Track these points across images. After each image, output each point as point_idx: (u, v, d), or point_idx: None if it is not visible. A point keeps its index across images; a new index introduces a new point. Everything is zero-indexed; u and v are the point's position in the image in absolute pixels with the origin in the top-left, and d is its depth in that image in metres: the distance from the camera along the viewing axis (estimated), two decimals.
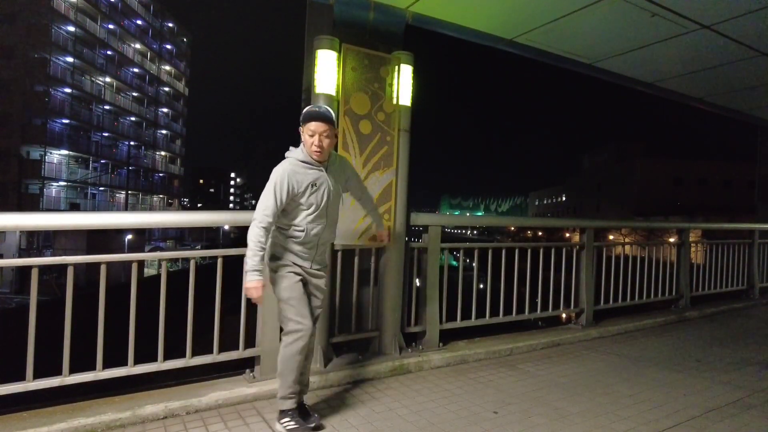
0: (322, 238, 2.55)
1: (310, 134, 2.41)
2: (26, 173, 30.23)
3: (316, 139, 2.39)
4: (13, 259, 3.08)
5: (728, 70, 5.08)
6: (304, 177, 2.42)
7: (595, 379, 3.52)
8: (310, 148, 2.42)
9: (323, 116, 2.40)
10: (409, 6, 3.63)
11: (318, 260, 2.60)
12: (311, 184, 2.43)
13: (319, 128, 2.39)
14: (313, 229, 2.48)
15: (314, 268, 2.58)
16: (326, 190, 2.47)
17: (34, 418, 2.44)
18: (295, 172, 2.41)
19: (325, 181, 2.48)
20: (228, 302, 2.98)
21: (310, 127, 2.40)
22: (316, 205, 2.45)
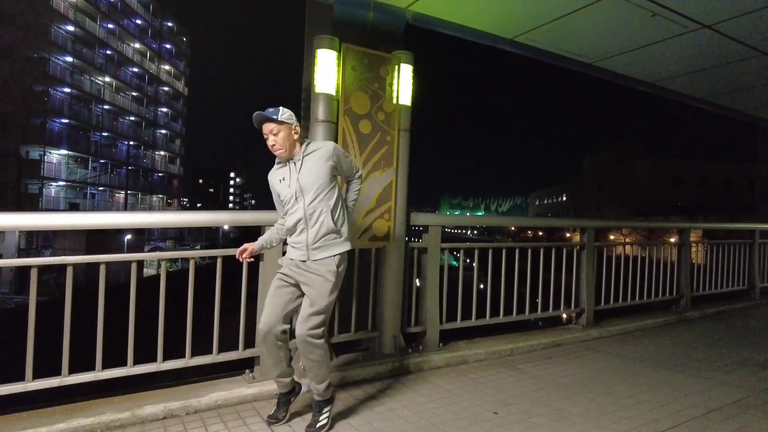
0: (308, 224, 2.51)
1: (265, 137, 2.53)
2: (25, 173, 30.20)
3: (270, 140, 2.52)
4: (12, 259, 3.07)
5: (728, 70, 5.08)
6: (276, 174, 2.63)
7: (596, 379, 3.51)
8: (270, 148, 2.55)
9: (261, 118, 2.50)
10: (409, 5, 3.63)
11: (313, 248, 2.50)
12: (280, 179, 2.59)
13: (265, 129, 2.51)
14: (293, 216, 2.54)
15: (311, 260, 2.51)
16: (293, 179, 2.53)
17: (33, 418, 2.44)
18: (272, 172, 2.66)
19: (289, 173, 2.56)
20: (228, 302, 2.98)
21: (262, 132, 2.52)
22: (289, 195, 2.55)
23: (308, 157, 2.54)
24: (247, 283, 3.10)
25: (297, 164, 2.53)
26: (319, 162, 2.52)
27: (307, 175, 2.51)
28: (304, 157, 2.54)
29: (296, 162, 2.54)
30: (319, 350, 2.48)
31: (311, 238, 2.51)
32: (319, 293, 2.49)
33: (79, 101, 35.01)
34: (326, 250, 2.52)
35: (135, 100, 43.47)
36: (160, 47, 47.64)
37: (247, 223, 3.14)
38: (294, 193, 2.52)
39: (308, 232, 2.51)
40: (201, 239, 48.43)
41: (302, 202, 2.51)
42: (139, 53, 44.12)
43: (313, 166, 2.52)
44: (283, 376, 2.62)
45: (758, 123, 8.07)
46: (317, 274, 2.50)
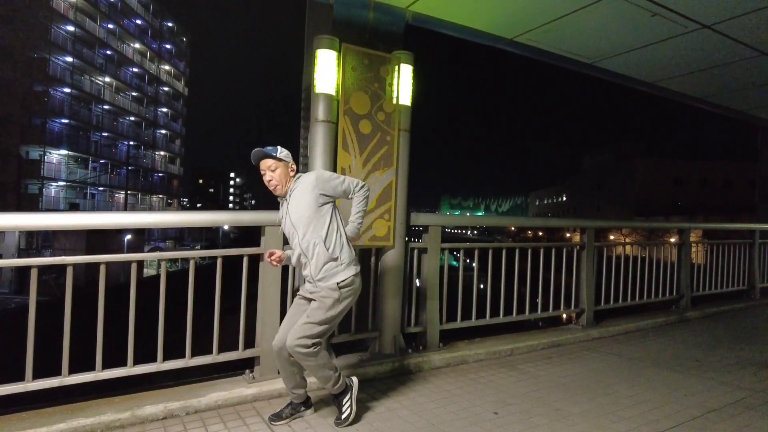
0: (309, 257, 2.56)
1: (262, 173, 2.61)
2: (25, 173, 30.19)
3: (267, 176, 2.60)
4: (12, 259, 3.08)
5: (728, 70, 5.07)
6: (279, 213, 2.73)
7: (596, 379, 3.51)
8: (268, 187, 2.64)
9: (258, 155, 2.59)
10: (409, 5, 3.63)
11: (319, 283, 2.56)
12: (281, 217, 2.69)
13: (263, 165, 2.60)
14: (294, 252, 2.63)
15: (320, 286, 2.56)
16: (286, 216, 2.62)
17: (33, 418, 2.44)
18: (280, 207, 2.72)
19: (285, 210, 2.64)
20: (228, 302, 2.98)
21: (260, 168, 2.61)
22: (287, 233, 2.65)
23: (295, 192, 2.60)
24: (247, 284, 3.10)
25: (288, 201, 2.62)
26: (304, 194, 2.55)
27: (295, 210, 2.57)
28: (291, 194, 2.62)
29: (287, 199, 2.63)
30: (310, 359, 2.49)
31: (314, 271, 2.56)
32: (317, 307, 2.54)
33: (79, 101, 35.00)
34: (329, 280, 2.56)
35: (135, 101, 43.47)
36: (160, 47, 47.63)
37: (247, 224, 3.14)
38: (289, 230, 2.62)
39: (310, 266, 2.57)
40: (201, 239, 48.42)
41: (297, 238, 2.58)
42: (139, 53, 44.11)
43: (300, 200, 2.56)
44: (296, 388, 2.68)
45: (758, 123, 8.06)
46: (321, 293, 2.56)
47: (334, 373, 2.61)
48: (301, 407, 2.74)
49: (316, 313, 2.52)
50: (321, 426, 2.64)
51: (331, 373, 2.60)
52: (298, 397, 2.71)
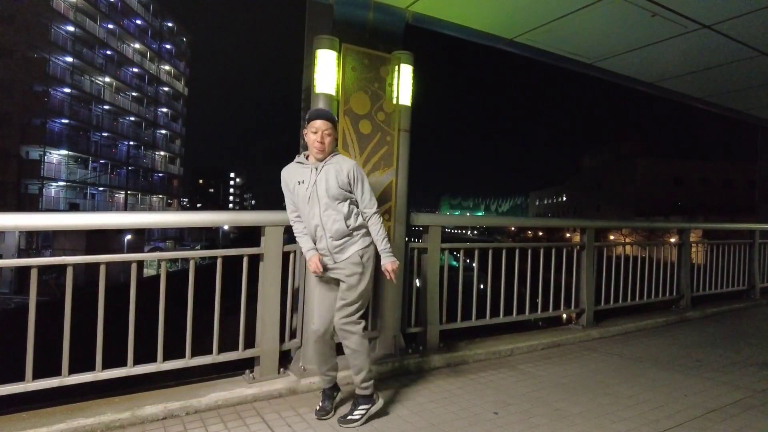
0: (326, 231, 2.61)
1: (313, 131, 2.59)
2: (25, 173, 30.21)
3: (319, 136, 2.58)
4: (12, 259, 3.07)
5: (728, 70, 5.07)
6: (294, 175, 2.69)
7: (596, 379, 3.51)
8: (313, 145, 2.60)
9: (326, 115, 2.63)
10: (409, 6, 3.63)
11: (336, 250, 2.64)
12: (299, 181, 2.65)
13: (322, 126, 2.59)
14: (311, 221, 2.64)
15: (336, 262, 2.66)
16: (312, 183, 2.61)
17: (33, 418, 2.44)
18: (288, 170, 2.72)
19: (311, 177, 2.62)
20: (228, 303, 2.98)
21: (314, 125, 2.60)
22: (306, 198, 2.62)
23: (328, 167, 2.62)
24: (247, 284, 3.11)
25: (318, 169, 2.62)
26: (339, 174, 2.61)
27: (324, 182, 2.60)
28: (324, 166, 2.62)
29: (318, 168, 2.62)
30: (355, 336, 2.65)
31: (331, 245, 2.63)
32: (348, 285, 2.65)
33: (79, 101, 35.02)
34: (347, 251, 2.65)
35: (135, 101, 43.48)
36: (160, 47, 47.64)
37: (247, 224, 3.14)
38: (309, 197, 2.61)
39: (326, 240, 2.63)
40: (201, 240, 48.41)
41: (318, 209, 2.60)
42: (139, 53, 44.13)
43: (332, 176, 2.60)
44: (331, 369, 2.77)
45: (758, 123, 8.06)
46: (346, 269, 2.65)
47: (369, 367, 2.71)
48: (334, 392, 2.83)
49: (349, 294, 2.64)
50: (321, 426, 2.64)
51: (367, 364, 2.69)
52: (331, 380, 2.79)
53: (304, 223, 2.71)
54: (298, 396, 3.04)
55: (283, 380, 3.10)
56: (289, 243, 3.27)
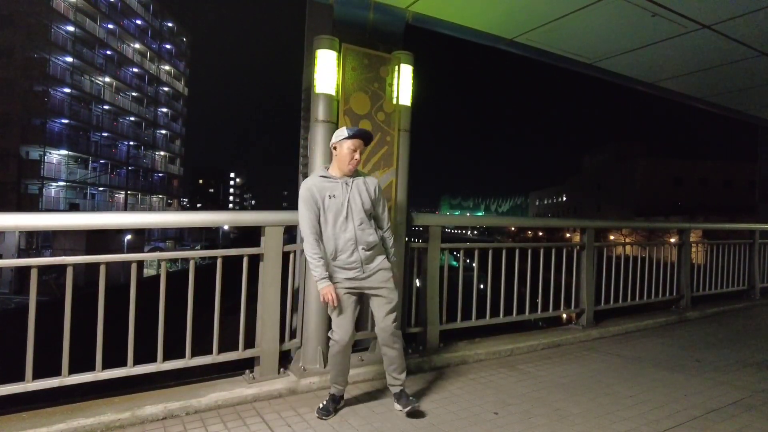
0: (359, 243, 2.70)
1: (353, 148, 2.68)
2: (25, 173, 30.20)
3: (357, 154, 2.70)
4: (12, 259, 3.08)
5: (728, 70, 5.07)
6: (323, 189, 2.69)
7: (596, 379, 3.51)
8: (349, 161, 2.69)
9: (369, 137, 2.80)
10: (409, 5, 3.63)
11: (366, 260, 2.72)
12: (329, 194, 2.68)
13: (360, 145, 2.72)
14: (342, 235, 2.68)
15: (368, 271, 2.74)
16: (345, 198, 2.68)
17: (33, 418, 2.44)
18: (314, 184, 2.70)
19: (341, 190, 2.69)
20: (228, 303, 2.98)
21: (355, 143, 2.69)
22: (336, 213, 2.68)
23: (358, 182, 2.75)
24: (247, 284, 3.11)
25: (349, 185, 2.71)
26: (368, 191, 2.76)
27: (357, 198, 2.71)
28: (354, 181, 2.74)
29: (348, 183, 2.72)
30: (401, 339, 2.86)
31: (363, 256, 2.71)
32: (388, 290, 2.78)
33: (79, 101, 35.02)
34: (376, 259, 2.78)
35: (135, 101, 43.48)
36: (160, 47, 47.63)
37: (247, 224, 3.14)
38: (346, 209, 2.68)
39: (358, 252, 2.70)
40: (201, 240, 48.41)
41: (352, 223, 2.69)
42: (139, 53, 44.12)
43: (363, 193, 2.74)
44: (345, 382, 2.86)
45: (758, 123, 8.07)
46: (379, 276, 2.77)
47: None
48: (340, 400, 2.88)
49: (392, 296, 2.78)
50: (321, 426, 2.64)
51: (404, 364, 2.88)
52: (342, 390, 2.87)
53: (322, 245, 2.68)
54: (298, 396, 3.04)
55: (283, 380, 3.10)
56: (289, 243, 3.27)
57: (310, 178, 2.76)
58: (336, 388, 2.84)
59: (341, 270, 2.71)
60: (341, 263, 2.70)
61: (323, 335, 3.32)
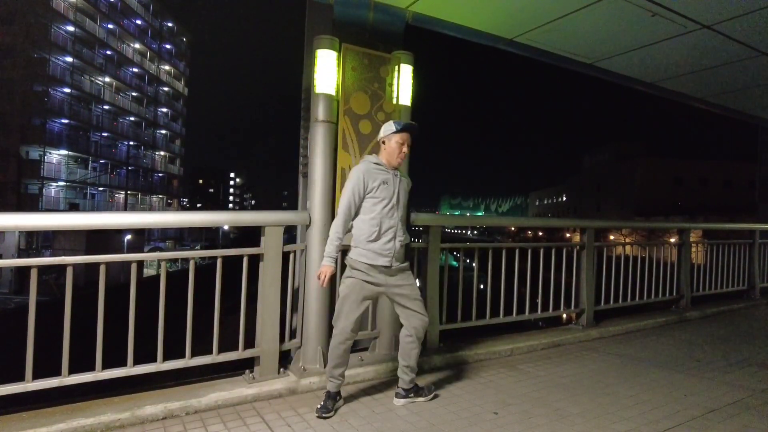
0: (397, 235, 2.83)
1: (401, 142, 2.84)
2: (25, 173, 30.20)
3: (405, 147, 2.86)
4: (12, 259, 3.08)
5: (728, 70, 5.07)
6: (377, 175, 2.81)
7: (596, 379, 3.51)
8: (398, 154, 2.84)
9: (415, 128, 2.89)
10: (409, 5, 3.62)
11: (398, 255, 2.84)
12: (383, 181, 2.81)
13: (408, 139, 2.88)
14: (387, 221, 2.80)
15: (395, 266, 2.83)
16: (396, 189, 2.85)
17: (33, 418, 2.44)
18: (369, 170, 2.81)
19: (393, 181, 2.85)
20: (228, 303, 2.98)
21: (403, 136, 2.84)
22: (388, 198, 2.81)
23: (403, 177, 2.94)
24: (247, 284, 3.11)
25: (397, 177, 2.88)
26: (407, 189, 2.96)
27: (403, 192, 2.90)
28: (399, 175, 2.91)
29: (396, 175, 2.88)
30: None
31: (398, 247, 2.83)
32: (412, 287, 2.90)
33: (79, 101, 35.01)
34: (402, 260, 2.90)
35: (135, 101, 43.48)
36: (160, 47, 47.63)
37: (247, 224, 3.14)
38: (396, 199, 2.84)
39: (396, 241, 2.82)
40: (201, 239, 48.41)
41: (397, 213, 2.85)
42: (139, 53, 44.12)
43: (404, 188, 2.93)
44: (343, 375, 2.87)
45: (758, 123, 8.06)
46: (404, 273, 2.89)
47: None
48: (338, 396, 2.87)
49: (417, 292, 2.90)
50: (321, 426, 2.64)
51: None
52: (340, 384, 2.87)
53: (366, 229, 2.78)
54: (297, 396, 3.04)
55: (282, 380, 3.10)
56: (289, 243, 3.27)
57: (363, 163, 2.85)
58: (332, 383, 2.83)
59: (375, 255, 2.77)
60: (378, 248, 2.77)
61: (323, 335, 3.32)
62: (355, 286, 2.79)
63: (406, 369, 2.94)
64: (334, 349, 2.81)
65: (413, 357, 2.92)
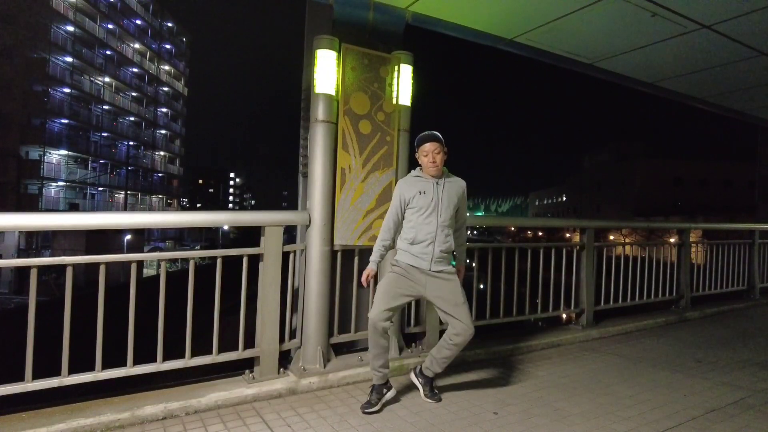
0: (437, 241, 2.87)
1: (425, 154, 2.91)
2: (25, 173, 30.19)
3: (430, 157, 2.89)
4: (12, 259, 3.07)
5: (728, 70, 5.07)
6: (413, 186, 2.93)
7: (596, 379, 3.51)
8: (428, 165, 2.91)
9: (433, 137, 2.91)
10: (409, 5, 3.63)
11: (437, 260, 2.88)
12: (419, 191, 2.90)
13: (432, 147, 2.89)
14: (425, 227, 2.87)
15: (434, 270, 2.87)
16: (434, 197, 2.89)
17: (33, 418, 2.44)
18: (406, 182, 2.97)
19: (432, 189, 2.90)
20: (227, 303, 2.97)
21: (424, 148, 2.90)
22: (425, 207, 2.88)
23: (450, 183, 2.97)
24: (247, 284, 3.10)
25: (440, 184, 2.93)
26: (456, 192, 2.98)
27: (447, 197, 2.93)
28: (446, 181, 2.95)
29: (439, 182, 2.93)
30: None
31: (437, 252, 2.87)
32: (458, 293, 2.89)
33: (78, 101, 35.00)
34: (442, 264, 2.90)
35: (135, 101, 43.47)
36: (159, 47, 47.63)
37: (247, 224, 3.14)
38: (433, 206, 2.89)
39: (435, 246, 2.87)
40: (201, 240, 48.40)
41: (437, 218, 2.88)
42: (139, 53, 44.11)
43: (452, 193, 2.96)
44: (385, 366, 2.89)
45: (758, 123, 8.07)
46: (446, 281, 2.89)
47: None
48: (383, 389, 2.90)
49: (461, 296, 2.88)
50: (321, 426, 2.64)
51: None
52: (383, 377, 2.89)
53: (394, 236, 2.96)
54: (297, 396, 3.04)
55: (282, 380, 3.10)
56: (289, 243, 3.27)
57: (406, 176, 3.03)
58: (375, 375, 2.89)
59: (413, 257, 2.88)
60: (417, 251, 2.88)
61: (323, 335, 3.32)
62: (391, 278, 2.91)
63: (432, 361, 3.00)
64: (369, 339, 2.88)
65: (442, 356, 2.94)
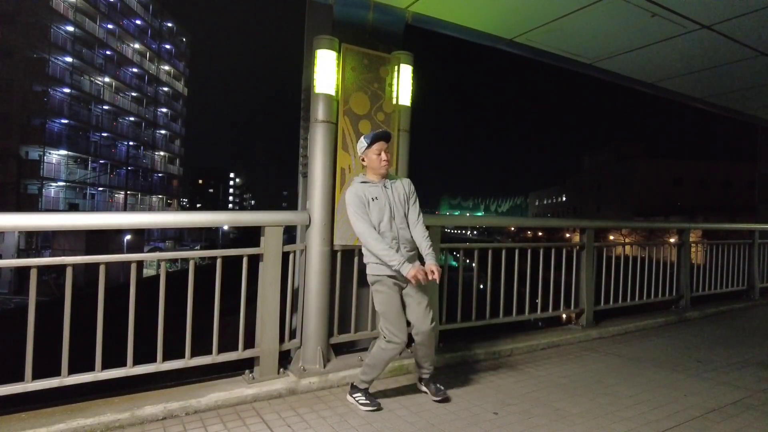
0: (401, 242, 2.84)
1: (377, 152, 2.84)
2: (25, 173, 30.17)
3: (384, 154, 2.85)
4: (12, 259, 3.08)
5: (728, 70, 5.07)
6: (368, 191, 2.86)
7: (596, 379, 3.51)
8: (379, 164, 2.85)
9: (388, 134, 2.90)
10: (409, 6, 3.63)
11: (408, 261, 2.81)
12: (372, 198, 2.85)
13: (383, 146, 2.86)
14: (388, 233, 2.83)
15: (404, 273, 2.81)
16: (388, 200, 2.86)
17: (33, 418, 2.44)
18: (359, 189, 2.87)
19: (382, 193, 2.87)
20: (227, 303, 2.97)
21: (379, 146, 2.84)
22: (381, 213, 2.83)
23: (395, 184, 2.94)
24: (246, 284, 3.10)
25: (388, 187, 2.90)
26: (405, 188, 2.96)
27: (397, 197, 2.90)
28: (393, 182, 2.93)
29: (387, 185, 2.90)
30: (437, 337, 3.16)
31: (404, 254, 2.83)
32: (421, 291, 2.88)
33: (78, 102, 34.97)
34: (414, 259, 2.87)
35: (135, 101, 43.44)
36: (159, 48, 47.60)
37: (247, 224, 3.14)
38: (388, 210, 2.85)
39: (401, 249, 2.84)
40: (201, 240, 48.39)
41: (395, 223, 2.86)
42: (139, 54, 44.08)
43: (400, 190, 2.93)
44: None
45: (758, 123, 8.07)
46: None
47: None
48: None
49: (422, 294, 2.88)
50: (321, 426, 2.64)
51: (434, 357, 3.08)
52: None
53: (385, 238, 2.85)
54: (297, 396, 3.04)
55: (282, 380, 3.10)
56: (289, 243, 3.27)
57: (352, 186, 2.90)
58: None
59: (387, 267, 2.80)
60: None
61: (323, 336, 3.32)
62: (385, 297, 2.84)
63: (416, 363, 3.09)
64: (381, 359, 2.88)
65: (420, 357, 3.01)
